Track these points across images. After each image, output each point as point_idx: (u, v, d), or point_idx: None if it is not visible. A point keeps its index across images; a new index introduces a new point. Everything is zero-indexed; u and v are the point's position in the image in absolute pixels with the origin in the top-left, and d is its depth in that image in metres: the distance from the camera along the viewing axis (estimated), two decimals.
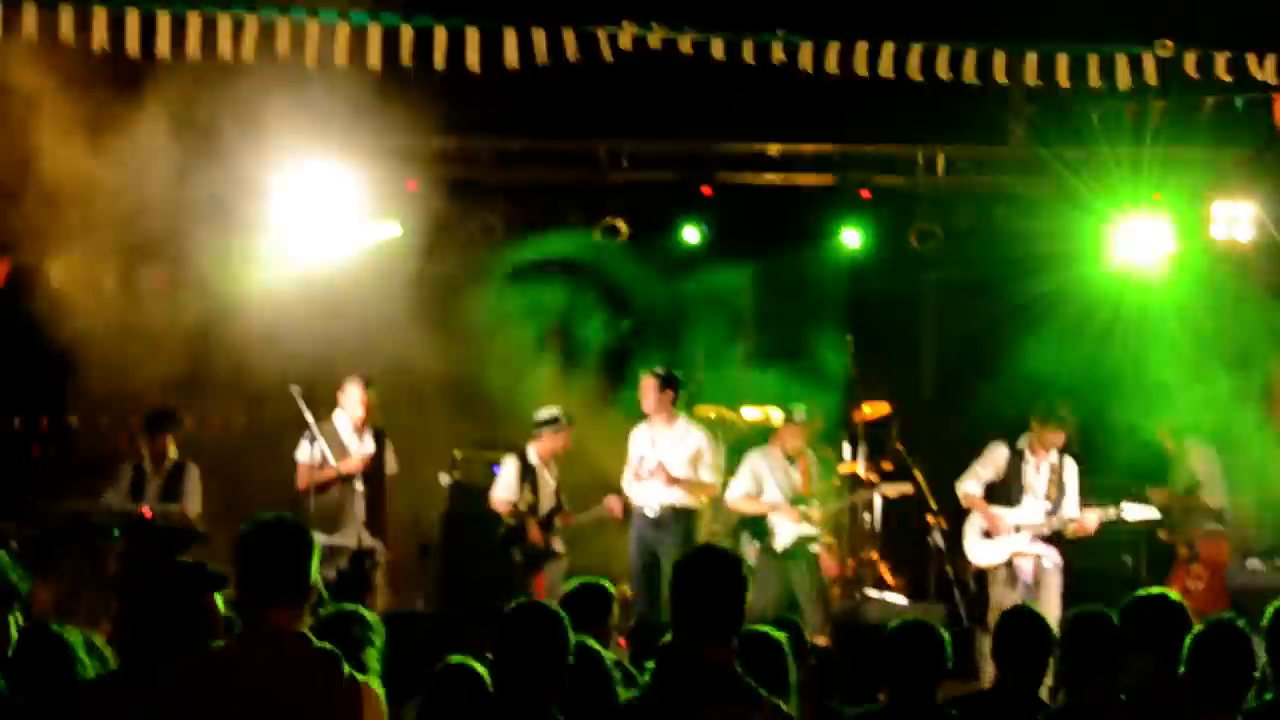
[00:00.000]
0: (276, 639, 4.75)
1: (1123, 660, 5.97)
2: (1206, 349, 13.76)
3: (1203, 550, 12.47)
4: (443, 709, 5.30)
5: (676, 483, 12.49)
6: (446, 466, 14.28)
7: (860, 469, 14.02)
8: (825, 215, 15.66)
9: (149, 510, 11.70)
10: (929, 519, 13.25)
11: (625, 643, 11.41)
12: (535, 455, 12.74)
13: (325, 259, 12.94)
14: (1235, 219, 14.01)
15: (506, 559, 12.59)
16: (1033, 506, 12.26)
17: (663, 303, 15.82)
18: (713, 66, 10.76)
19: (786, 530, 12.72)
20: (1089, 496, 12.45)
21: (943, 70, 10.67)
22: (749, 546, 12.72)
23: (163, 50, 10.23)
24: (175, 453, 12.27)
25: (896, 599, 13.27)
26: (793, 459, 12.92)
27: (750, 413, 14.36)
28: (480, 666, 5.33)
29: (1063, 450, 12.31)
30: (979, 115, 14.26)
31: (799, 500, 12.78)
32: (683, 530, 12.39)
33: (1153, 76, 10.76)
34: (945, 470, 13.61)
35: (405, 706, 5.68)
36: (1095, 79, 10.78)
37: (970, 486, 12.40)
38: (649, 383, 12.66)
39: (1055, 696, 6.54)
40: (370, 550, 12.09)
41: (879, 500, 13.98)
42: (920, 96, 12.10)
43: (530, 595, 11.28)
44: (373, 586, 11.97)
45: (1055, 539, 12.18)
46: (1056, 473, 12.24)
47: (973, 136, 15.28)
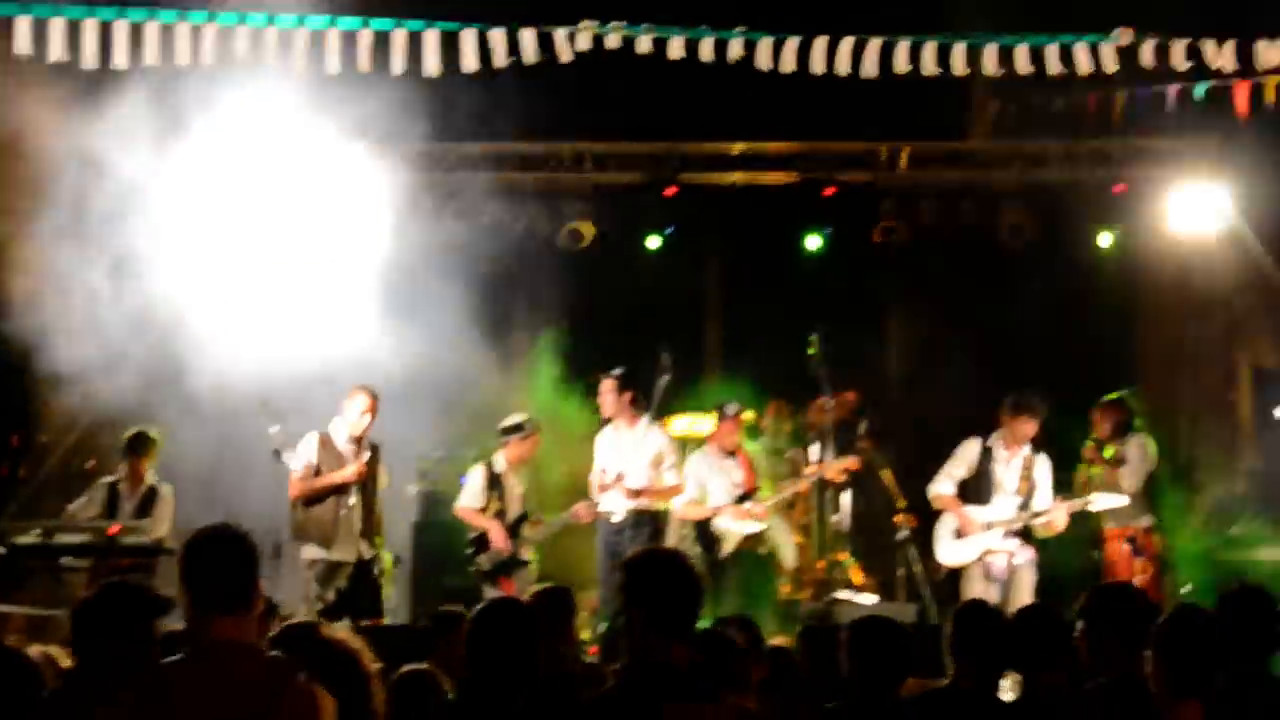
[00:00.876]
0: (227, 650, 4.72)
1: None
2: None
3: (1145, 544, 12.39)
4: (402, 716, 5.26)
5: (638, 495, 12.47)
6: (414, 477, 14.24)
7: (827, 468, 13.95)
8: (789, 213, 15.65)
9: (116, 527, 11.59)
10: (897, 519, 13.19)
11: (596, 651, 11.39)
12: (503, 463, 12.67)
13: (294, 263, 12.84)
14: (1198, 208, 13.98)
15: (475, 568, 12.53)
16: (1004, 502, 12.19)
17: (627, 304, 15.79)
18: (674, 66, 10.71)
19: (732, 533, 12.70)
20: (1060, 490, 12.42)
21: (901, 64, 10.61)
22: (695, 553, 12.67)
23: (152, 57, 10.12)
24: (152, 475, 12.20)
25: (866, 599, 13.23)
26: (731, 454, 12.89)
27: (680, 423, 14.34)
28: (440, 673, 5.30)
29: (1036, 443, 12.25)
30: (941, 110, 14.30)
31: (743, 498, 12.75)
32: (647, 534, 12.36)
33: (1112, 65, 10.72)
34: (913, 468, 13.59)
35: None
36: (1055, 69, 10.73)
37: (943, 487, 12.33)
38: (607, 385, 12.62)
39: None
40: (374, 559, 12.03)
41: (847, 500, 13.94)
42: (882, 92, 12.08)
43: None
44: (381, 596, 11.91)
45: (1028, 534, 12.14)
46: (1028, 467, 12.17)
47: (935, 132, 15.30)
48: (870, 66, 10.66)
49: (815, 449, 13.78)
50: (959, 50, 10.67)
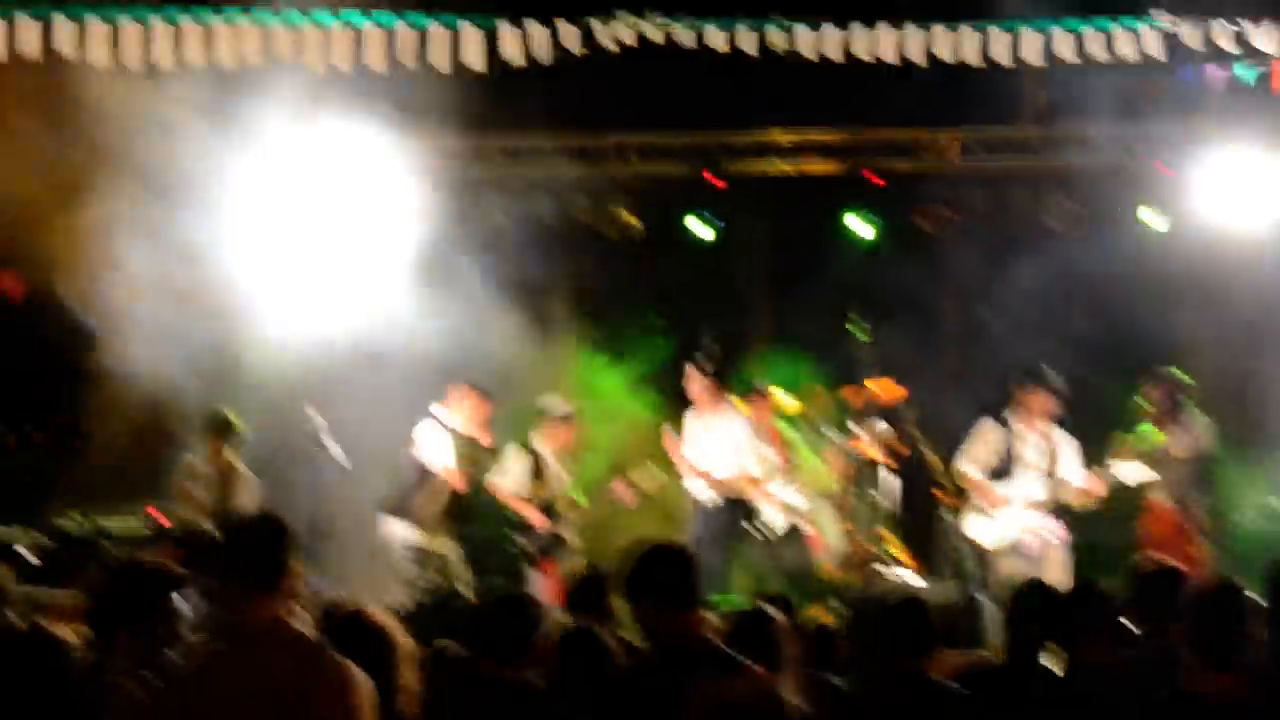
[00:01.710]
0: (256, 628, 4.80)
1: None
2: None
3: (1195, 519, 12.31)
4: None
5: (718, 485, 12.51)
6: None
7: (873, 450, 13.97)
8: (836, 202, 15.66)
9: (166, 520, 11.73)
10: (937, 495, 13.21)
11: None
12: (544, 446, 12.75)
13: (341, 253, 12.97)
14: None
15: (515, 549, 12.61)
16: (1028, 479, 12.23)
17: (673, 294, 15.86)
18: (718, 56, 10.75)
19: (772, 512, 12.76)
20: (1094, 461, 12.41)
21: (943, 52, 10.63)
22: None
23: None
24: (228, 457, 12.32)
25: (910, 577, 13.27)
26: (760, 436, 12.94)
27: None
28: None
29: (1057, 419, 12.25)
30: (989, 97, 14.26)
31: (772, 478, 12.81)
32: (738, 517, 12.32)
33: (1155, 49, 10.70)
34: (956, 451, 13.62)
35: None
36: (1098, 54, 10.72)
37: (965, 466, 12.43)
38: (692, 373, 12.62)
39: None
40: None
41: (892, 482, 13.96)
42: (929, 80, 12.10)
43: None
44: None
45: (1059, 511, 12.14)
46: (1049, 442, 12.19)
47: (983, 118, 15.26)
48: (913, 55, 10.66)
49: (860, 432, 13.82)
50: (1000, 37, 10.65)
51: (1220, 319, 15.77)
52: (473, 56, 10.32)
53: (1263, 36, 10.50)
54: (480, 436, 12.27)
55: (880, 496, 13.91)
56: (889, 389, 14.04)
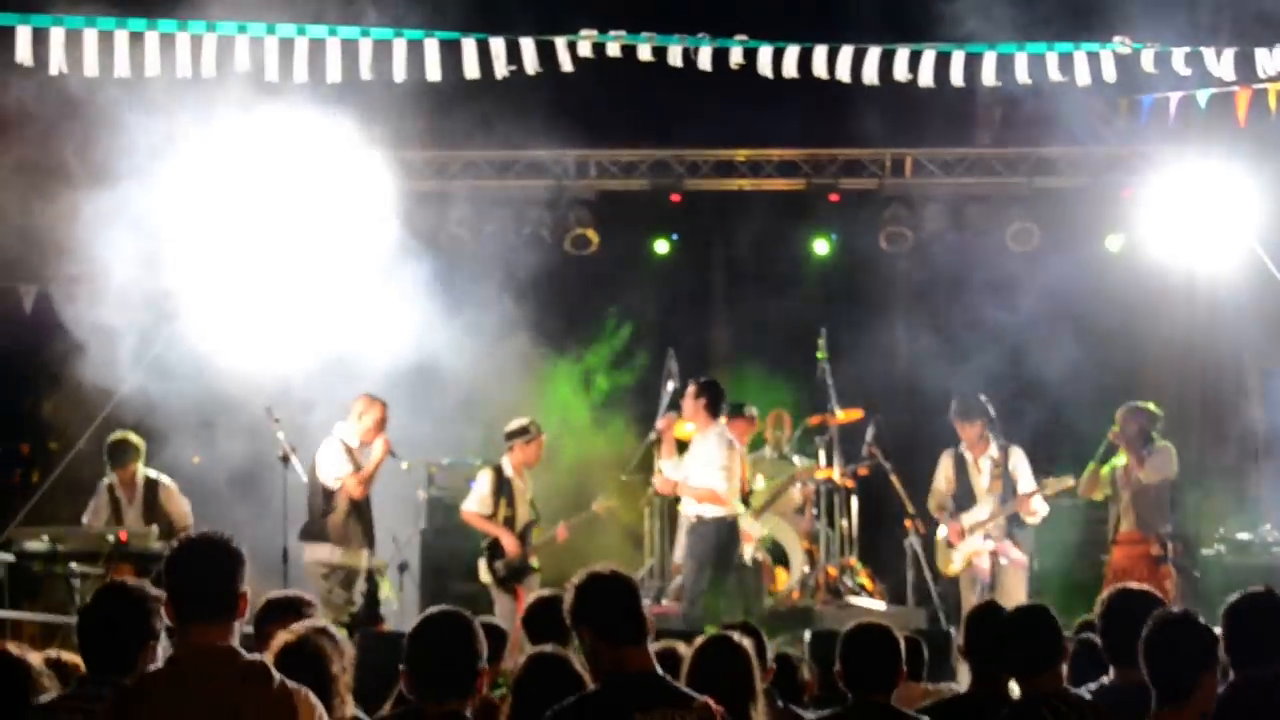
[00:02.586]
0: (206, 655, 4.76)
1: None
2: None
3: (1171, 550, 12.32)
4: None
5: (675, 490, 12.45)
6: (423, 483, 14.28)
7: (835, 474, 13.98)
8: (795, 219, 15.71)
9: (125, 535, 11.64)
10: (906, 524, 13.24)
11: None
12: (510, 467, 12.68)
13: (300, 269, 12.90)
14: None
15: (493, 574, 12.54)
16: (982, 504, 12.44)
17: (634, 310, 15.87)
18: (679, 73, 10.72)
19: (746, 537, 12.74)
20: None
21: (900, 73, 10.62)
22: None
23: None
24: (143, 474, 12.22)
25: (875, 605, 13.26)
26: None
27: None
28: None
29: (1004, 442, 12.34)
30: (946, 117, 14.33)
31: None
32: (706, 540, 12.19)
33: (1111, 74, 10.73)
34: (921, 473, 13.62)
35: None
36: (1055, 77, 10.74)
37: (932, 501, 12.74)
38: (688, 392, 12.54)
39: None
40: (377, 567, 12.20)
41: (855, 506, 14.00)
42: (888, 99, 12.10)
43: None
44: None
45: (1015, 535, 12.21)
46: (999, 465, 12.30)
47: (940, 138, 15.33)
48: (870, 75, 10.65)
49: (821, 456, 13.83)
50: (958, 59, 10.65)
51: (1178, 341, 15.90)
52: (434, 71, 10.22)
53: (1222, 64, 10.52)
54: (374, 441, 12.09)
55: (845, 521, 13.93)
56: (848, 411, 14.07)
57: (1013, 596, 11.80)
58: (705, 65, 10.51)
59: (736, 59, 10.49)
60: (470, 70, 10.28)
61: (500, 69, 10.20)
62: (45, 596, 11.48)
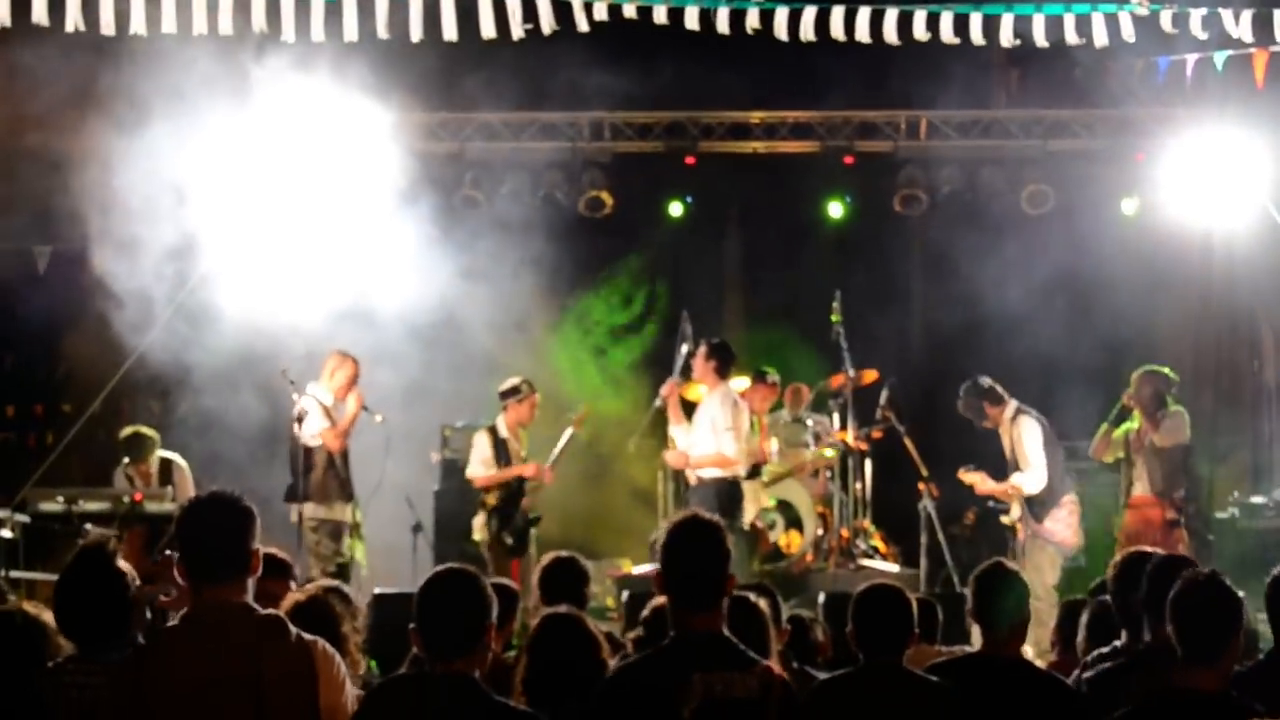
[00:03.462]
0: (221, 612, 4.80)
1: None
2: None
3: (1184, 514, 12.27)
4: None
5: (686, 464, 12.45)
6: (437, 445, 14.30)
7: (849, 437, 14.00)
8: (810, 181, 15.68)
9: (140, 495, 11.68)
10: (920, 487, 13.21)
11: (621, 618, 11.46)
12: (504, 428, 12.71)
13: (315, 228, 12.90)
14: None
15: (498, 535, 12.57)
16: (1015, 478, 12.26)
17: (648, 272, 15.88)
18: (694, 35, 10.67)
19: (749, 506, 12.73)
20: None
21: (919, 32, 10.57)
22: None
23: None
24: (158, 456, 12.25)
25: (889, 568, 13.28)
26: (753, 425, 12.84)
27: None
28: None
29: (1014, 415, 12.23)
30: (961, 80, 14.28)
31: (754, 471, 12.72)
32: (707, 502, 12.18)
33: (1129, 34, 10.67)
34: (936, 436, 13.63)
35: None
36: (1072, 38, 10.68)
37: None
38: (699, 353, 12.52)
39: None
40: (359, 524, 12.17)
41: (869, 469, 14.01)
42: (903, 61, 12.07)
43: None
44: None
45: (1033, 507, 12.08)
46: (1012, 438, 12.17)
47: (955, 101, 15.28)
48: (889, 35, 10.60)
49: (836, 418, 13.84)
50: (976, 19, 10.60)
51: (1193, 304, 15.88)
52: (451, 30, 10.18)
53: (1240, 25, 10.45)
54: (347, 398, 12.10)
55: (859, 484, 13.94)
56: (864, 373, 14.07)
57: (1038, 569, 11.71)
58: (723, 28, 10.46)
59: (753, 21, 10.46)
60: (487, 30, 10.24)
61: (516, 29, 10.16)
62: (60, 557, 11.50)
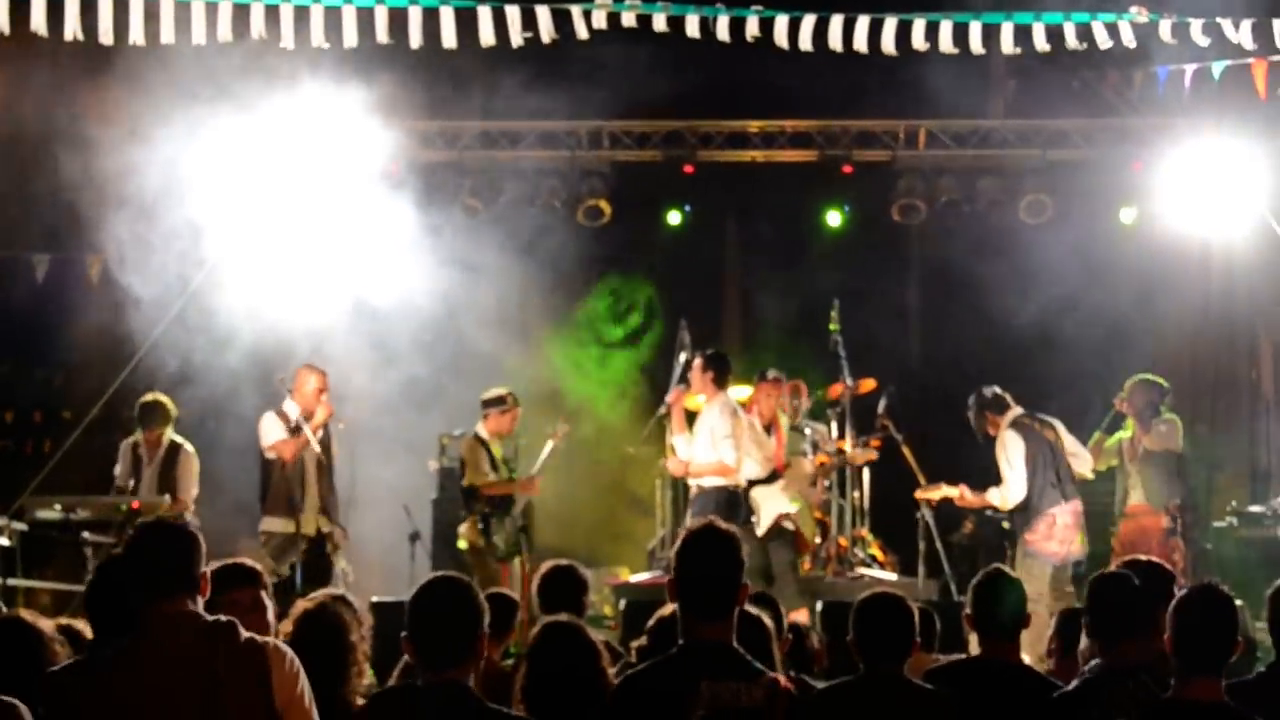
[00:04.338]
0: (170, 620, 4.86)
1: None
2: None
3: (1180, 523, 12.22)
4: None
5: (686, 473, 12.43)
6: (434, 453, 14.30)
7: (848, 446, 13.99)
8: (808, 191, 15.68)
9: (138, 503, 11.66)
10: (918, 495, 13.19)
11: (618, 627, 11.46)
12: (484, 434, 12.71)
13: (316, 241, 12.90)
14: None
15: (489, 541, 12.56)
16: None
17: (647, 281, 15.88)
18: (693, 44, 10.69)
19: (768, 510, 12.65)
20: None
21: (918, 41, 10.59)
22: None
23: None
24: (169, 437, 12.17)
25: (886, 576, 13.26)
26: (768, 428, 12.82)
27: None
28: None
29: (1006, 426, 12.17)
30: (959, 89, 14.28)
31: (772, 477, 12.70)
32: (707, 511, 12.13)
33: (1129, 43, 10.69)
34: (934, 445, 13.62)
35: None
36: (1073, 46, 10.70)
37: None
38: (695, 364, 12.52)
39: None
40: (329, 535, 12.10)
41: (868, 477, 13.99)
42: (901, 70, 12.07)
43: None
44: (333, 572, 11.94)
45: (1017, 518, 11.99)
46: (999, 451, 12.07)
47: (953, 110, 15.28)
48: (887, 44, 10.62)
49: (834, 426, 13.82)
50: (975, 29, 10.62)
51: (1191, 314, 15.88)
52: (450, 38, 10.19)
53: (1240, 34, 10.46)
54: (315, 409, 12.06)
55: (857, 492, 13.92)
56: (862, 381, 14.07)
57: (1028, 578, 11.59)
58: (723, 36, 10.48)
59: (753, 30, 10.47)
60: (486, 38, 10.26)
61: (516, 37, 10.18)
62: (58, 565, 11.53)
